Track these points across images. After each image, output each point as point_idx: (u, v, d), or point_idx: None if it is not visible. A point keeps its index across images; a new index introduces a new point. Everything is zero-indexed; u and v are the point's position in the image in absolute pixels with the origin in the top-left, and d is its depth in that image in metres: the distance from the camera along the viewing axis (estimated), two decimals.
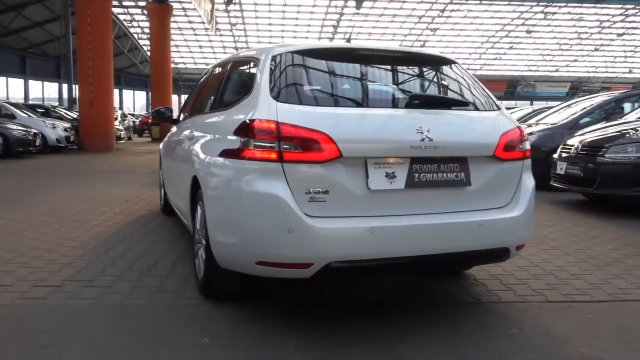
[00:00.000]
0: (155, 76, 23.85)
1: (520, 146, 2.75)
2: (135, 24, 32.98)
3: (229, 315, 2.73)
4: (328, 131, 2.31)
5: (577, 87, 44.51)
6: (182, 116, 4.46)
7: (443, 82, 3.00)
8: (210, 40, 36.24)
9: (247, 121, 2.42)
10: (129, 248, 4.01)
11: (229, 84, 3.24)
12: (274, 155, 2.30)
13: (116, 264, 3.58)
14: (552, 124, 8.55)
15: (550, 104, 17.47)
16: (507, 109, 10.26)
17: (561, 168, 6.45)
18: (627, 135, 5.97)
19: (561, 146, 6.74)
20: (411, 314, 2.82)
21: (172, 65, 38.74)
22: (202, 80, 4.36)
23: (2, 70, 28.93)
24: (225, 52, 37.51)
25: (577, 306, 2.96)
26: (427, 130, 2.43)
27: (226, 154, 2.52)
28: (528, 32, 35.01)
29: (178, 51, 37.56)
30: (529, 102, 39.80)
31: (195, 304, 2.86)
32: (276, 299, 3.03)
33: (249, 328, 2.58)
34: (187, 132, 3.65)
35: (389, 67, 2.87)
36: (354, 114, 2.50)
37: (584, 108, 8.72)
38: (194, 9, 21.63)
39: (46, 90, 33.45)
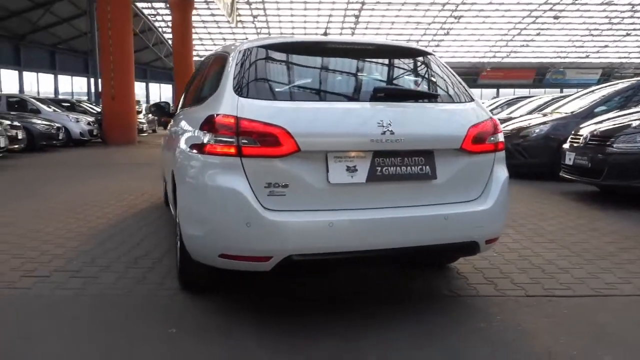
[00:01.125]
0: (179, 69, 24.12)
1: (492, 138, 2.71)
2: (159, 18, 33.37)
3: (201, 306, 2.79)
4: (286, 125, 2.32)
5: (609, 74, 43.14)
6: (177, 110, 4.54)
7: (414, 74, 2.98)
8: (233, 33, 36.41)
9: (209, 116, 2.45)
10: (123, 240, 4.11)
11: (207, 80, 3.28)
12: (232, 150, 2.33)
13: (107, 255, 3.68)
14: (566, 113, 8.34)
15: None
16: (522, 98, 10.04)
17: (570, 158, 6.30)
18: (637, 124, 5.78)
19: (571, 136, 6.58)
20: (383, 306, 2.82)
21: (196, 58, 39.38)
22: (193, 74, 4.41)
23: (32, 66, 29.75)
24: None
25: (556, 301, 2.92)
26: (389, 124, 2.42)
27: (194, 148, 2.56)
28: (556, 17, 34.06)
29: (202, 44, 37.87)
30: (558, 90, 38.81)
31: (171, 295, 2.93)
32: (250, 291, 3.07)
33: (218, 319, 2.63)
34: (174, 127, 3.71)
35: (358, 60, 2.85)
36: (314, 108, 2.51)
37: (602, 96, 8.48)
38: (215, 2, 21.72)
39: (75, 85, 34.25)
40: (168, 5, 26.91)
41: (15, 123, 10.72)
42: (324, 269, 3.34)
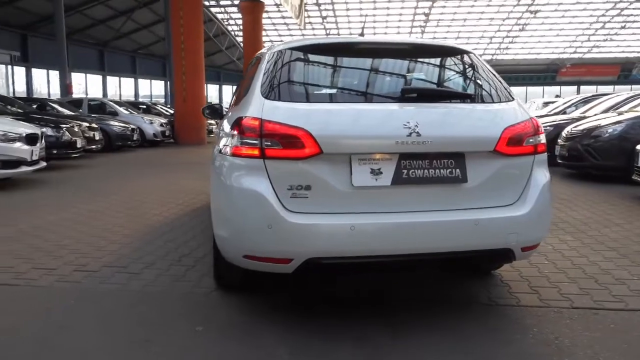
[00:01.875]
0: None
1: (531, 140, 2.55)
2: (232, 22, 34.39)
3: (231, 304, 2.84)
4: (309, 127, 2.31)
5: None
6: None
7: (449, 74, 2.87)
8: (303, 35, 36.86)
9: (237, 118, 2.49)
10: (173, 238, 4.27)
11: (246, 82, 3.33)
12: (256, 152, 2.35)
13: (155, 252, 3.83)
14: None
15: None
16: (599, 95, 9.47)
17: None
18: None
19: None
20: (417, 312, 2.75)
21: None
22: (243, 77, 4.51)
23: (115, 70, 31.68)
24: None
25: (603, 314, 2.71)
26: (416, 125, 2.35)
27: (224, 149, 2.61)
28: None
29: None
30: None
31: (206, 293, 3.01)
32: (283, 291, 3.08)
33: (245, 318, 2.67)
34: (218, 128, 3.81)
35: (389, 60, 2.79)
36: (338, 109, 2.48)
37: None
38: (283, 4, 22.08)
39: (154, 88, 36.06)
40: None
41: (93, 125, 11.41)
42: (354, 272, 3.29)
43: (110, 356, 2.27)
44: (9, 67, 22.24)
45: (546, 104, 15.53)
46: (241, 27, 33.84)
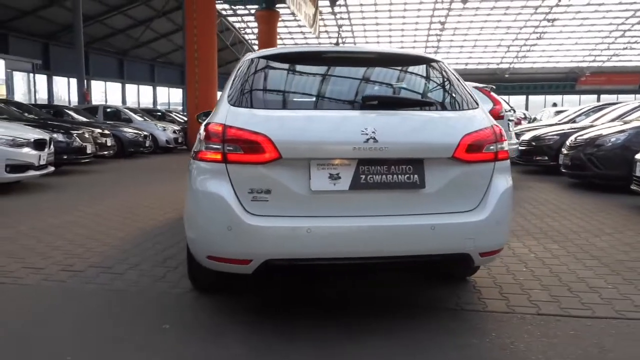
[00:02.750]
0: None
1: (491, 147, 2.60)
2: (249, 30, 34.80)
3: (203, 305, 2.93)
4: (268, 133, 2.40)
5: None
6: None
7: (413, 82, 2.93)
8: (319, 43, 37.11)
9: (205, 125, 2.59)
10: (162, 240, 4.39)
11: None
12: (219, 157, 2.44)
13: (141, 254, 3.95)
14: None
15: None
16: (612, 104, 9.36)
17: None
18: None
19: None
20: (379, 315, 2.80)
21: None
22: None
23: (134, 78, 32.32)
24: None
25: (565, 321, 2.73)
26: (373, 131, 2.42)
27: (194, 155, 2.71)
28: None
29: None
30: None
31: (181, 294, 3.10)
32: (256, 293, 3.16)
33: (213, 318, 2.76)
34: None
35: (357, 69, 2.86)
36: (298, 116, 2.56)
37: None
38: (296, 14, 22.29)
39: (172, 95, 36.63)
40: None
41: (106, 131, 11.69)
42: (314, 274, 3.35)
43: (78, 352, 2.37)
44: (32, 75, 22.85)
45: (558, 112, 15.39)
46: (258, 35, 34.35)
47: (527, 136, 10.17)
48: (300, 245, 2.38)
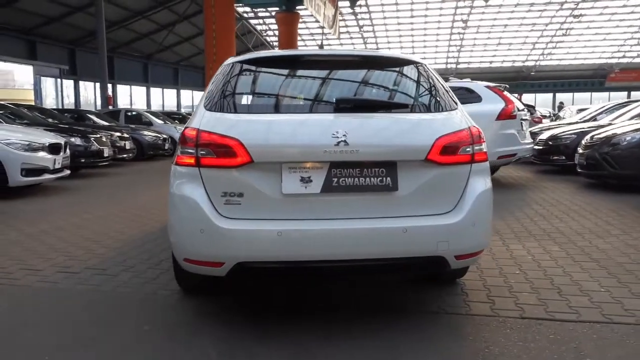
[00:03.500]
0: None
1: (467, 149, 2.57)
2: (270, 32, 35.00)
3: (186, 306, 2.98)
4: (240, 137, 2.42)
5: None
6: None
7: (391, 84, 2.91)
8: (341, 44, 37.11)
9: (182, 130, 2.63)
10: (162, 243, 4.45)
11: None
12: (192, 161, 2.48)
13: (138, 256, 4.02)
14: None
15: None
16: (635, 101, 9.11)
17: None
18: None
19: None
20: (357, 319, 2.79)
21: None
22: None
23: (158, 82, 32.87)
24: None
25: (547, 325, 2.68)
26: (344, 134, 2.42)
27: (173, 159, 2.75)
28: None
29: None
30: None
31: (167, 295, 3.16)
32: (244, 296, 3.19)
33: (192, 320, 2.80)
34: None
35: (334, 72, 2.86)
36: (270, 120, 2.57)
37: None
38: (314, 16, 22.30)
39: (196, 98, 37.09)
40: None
41: (125, 135, 11.92)
42: (287, 277, 3.34)
43: (54, 352, 2.44)
44: (59, 80, 23.45)
45: (580, 110, 15.04)
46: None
47: (544, 135, 9.98)
48: (272, 248, 2.39)
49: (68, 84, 25.53)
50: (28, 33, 22.88)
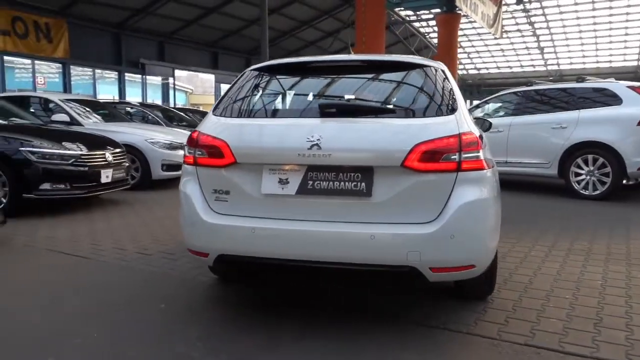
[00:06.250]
0: None
1: (452, 156, 2.42)
2: (433, 35, 34.42)
3: (208, 291, 3.29)
4: (227, 139, 2.63)
5: None
6: None
7: (380, 89, 2.83)
8: (512, 43, 34.95)
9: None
10: None
11: None
12: (191, 160, 2.76)
13: None
14: None
15: None
16: None
17: None
18: None
19: None
20: (347, 325, 2.79)
21: (474, 72, 39.12)
22: None
23: None
24: (529, 54, 35.67)
25: (546, 355, 2.41)
26: (318, 138, 2.47)
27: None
28: None
29: (479, 57, 37.51)
30: None
31: (203, 281, 3.50)
32: (273, 286, 3.40)
33: (205, 304, 3.09)
34: None
35: (331, 78, 2.91)
36: (254, 124, 2.72)
37: None
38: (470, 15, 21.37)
39: None
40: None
41: None
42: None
43: (77, 314, 2.91)
44: None
45: None
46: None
47: None
48: (246, 243, 2.56)
49: None
50: (213, 46, 25.92)
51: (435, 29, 33.58)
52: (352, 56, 2.96)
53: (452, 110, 2.58)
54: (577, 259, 4.06)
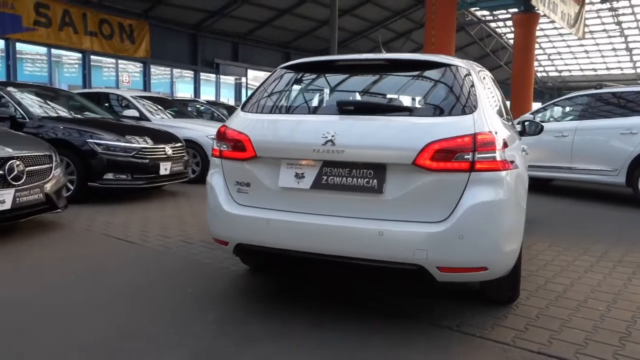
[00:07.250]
0: (517, 83, 23.69)
1: (465, 156, 2.39)
2: (510, 35, 33.18)
3: (232, 279, 3.44)
4: (249, 134, 2.75)
5: None
6: None
7: (400, 87, 2.82)
8: (597, 44, 33.01)
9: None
10: None
11: None
12: (218, 153, 2.90)
13: None
14: None
15: None
16: None
17: None
18: None
19: None
20: (361, 319, 2.82)
21: (556, 74, 37.31)
22: None
23: None
24: (616, 56, 33.57)
25: None
26: (333, 135, 2.52)
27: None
28: None
29: (561, 58, 35.75)
30: None
31: (233, 270, 3.65)
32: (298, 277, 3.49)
33: (229, 292, 3.23)
34: None
35: (353, 76, 2.95)
36: (274, 119, 2.80)
37: None
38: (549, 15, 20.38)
39: None
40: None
41: None
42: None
43: (111, 294, 3.14)
44: None
45: None
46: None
47: None
48: (261, 234, 2.66)
49: None
50: (285, 47, 26.50)
51: (512, 28, 32.47)
52: (377, 55, 2.97)
53: (471, 109, 2.55)
54: (624, 272, 3.84)
